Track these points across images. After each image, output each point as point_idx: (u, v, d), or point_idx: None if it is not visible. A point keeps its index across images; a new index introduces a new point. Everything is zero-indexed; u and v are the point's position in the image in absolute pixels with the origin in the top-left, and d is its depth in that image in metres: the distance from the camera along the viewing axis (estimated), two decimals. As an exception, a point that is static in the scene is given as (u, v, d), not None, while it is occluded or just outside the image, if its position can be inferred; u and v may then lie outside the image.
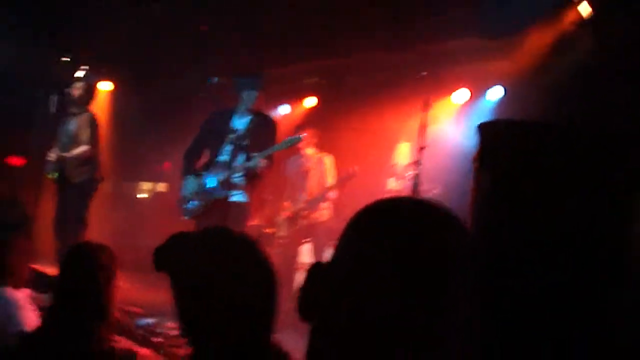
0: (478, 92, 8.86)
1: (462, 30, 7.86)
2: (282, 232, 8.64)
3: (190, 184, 6.56)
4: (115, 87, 11.48)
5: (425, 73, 8.86)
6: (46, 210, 7.89)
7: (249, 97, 6.49)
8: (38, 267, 6.86)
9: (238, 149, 6.14)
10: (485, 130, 3.14)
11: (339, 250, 1.30)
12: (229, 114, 6.51)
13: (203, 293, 1.76)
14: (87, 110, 8.10)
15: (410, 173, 7.91)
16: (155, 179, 12.77)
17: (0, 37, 9.41)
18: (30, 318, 3.36)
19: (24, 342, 2.99)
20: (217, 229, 1.99)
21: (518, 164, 2.83)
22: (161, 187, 12.62)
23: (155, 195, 12.70)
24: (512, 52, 7.80)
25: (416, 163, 6.20)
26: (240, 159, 6.10)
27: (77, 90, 8.05)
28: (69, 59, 10.02)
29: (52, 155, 7.86)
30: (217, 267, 1.78)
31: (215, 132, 6.58)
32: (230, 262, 1.80)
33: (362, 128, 9.08)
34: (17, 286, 3.58)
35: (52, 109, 7.88)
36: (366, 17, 7.92)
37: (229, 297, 1.74)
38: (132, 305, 6.11)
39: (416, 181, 6.12)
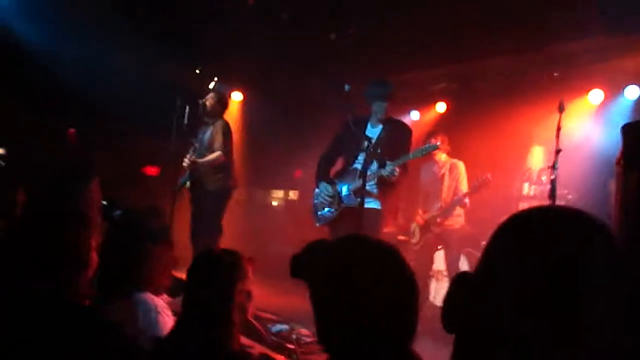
0: (613, 91, 8.53)
1: (590, 29, 7.57)
2: (416, 239, 8.54)
3: (323, 191, 6.57)
4: (246, 97, 11.72)
5: (557, 74, 8.59)
6: (182, 218, 8.08)
7: (379, 107, 6.45)
8: (174, 273, 7.04)
9: (371, 156, 6.08)
10: (629, 131, 2.99)
11: (486, 260, 1.25)
12: (363, 122, 6.48)
13: (341, 300, 1.72)
14: (221, 119, 8.27)
15: (546, 178, 7.67)
16: (287, 186, 12.93)
17: (135, 50, 9.80)
18: (168, 323, 3.42)
19: (158, 347, 3.04)
20: (354, 236, 1.96)
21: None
22: (293, 194, 12.76)
23: (287, 203, 12.85)
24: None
25: (552, 167, 5.96)
26: (374, 166, 6.05)
27: (210, 100, 8.24)
28: (201, 71, 10.30)
29: (186, 161, 8.06)
30: (356, 273, 1.74)
31: (349, 140, 6.54)
32: (370, 269, 1.75)
33: (494, 132, 8.85)
34: (157, 292, 3.66)
35: (186, 119, 8.08)
36: (494, 20, 7.74)
37: (369, 304, 1.70)
38: (266, 312, 6.17)
39: (553, 186, 5.88)
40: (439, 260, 8.29)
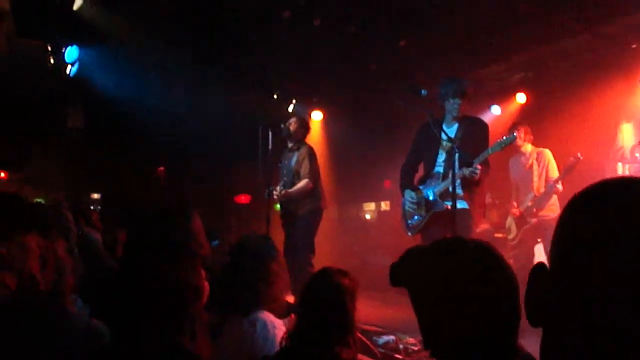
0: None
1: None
2: (512, 234, 8.46)
3: (410, 200, 6.52)
4: (326, 115, 11.83)
5: (635, 45, 8.36)
6: (277, 242, 8.23)
7: (452, 105, 6.35)
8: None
9: (452, 157, 6.02)
10: None
11: (557, 245, 1.18)
12: (438, 123, 6.34)
13: (445, 303, 1.73)
14: (304, 144, 8.38)
15: (639, 154, 7.48)
16: (377, 198, 12.97)
17: (214, 85, 10.06)
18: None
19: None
20: (450, 238, 1.98)
21: None
22: (384, 205, 12.78)
23: (380, 214, 12.89)
24: None
25: (642, 142, 5.80)
26: (456, 167, 5.99)
27: (292, 125, 8.35)
28: (279, 95, 10.49)
29: (276, 193, 8.21)
30: (456, 275, 1.75)
31: (427, 144, 6.52)
32: (469, 269, 1.76)
33: (579, 115, 8.67)
34: (277, 311, 3.78)
35: (270, 145, 8.23)
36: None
37: (472, 305, 1.70)
38: (370, 325, 6.19)
39: (648, 162, 5.72)
40: (539, 253, 8.16)
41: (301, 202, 8.11)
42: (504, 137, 6.24)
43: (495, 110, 10.62)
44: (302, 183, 8.10)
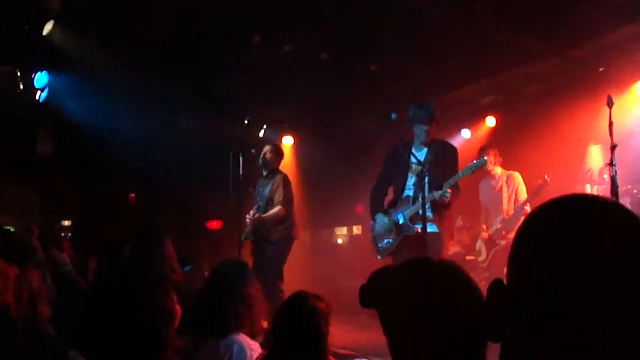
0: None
1: (624, 18, 7.49)
2: (483, 256, 8.52)
3: (379, 223, 6.55)
4: (297, 140, 11.86)
5: (601, 69, 8.51)
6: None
7: (420, 130, 6.41)
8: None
9: (422, 181, 6.06)
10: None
11: (513, 262, 1.26)
12: (408, 147, 6.37)
13: (413, 323, 1.73)
14: (278, 172, 8.43)
15: (607, 176, 7.58)
16: (349, 222, 12.98)
17: (184, 111, 10.07)
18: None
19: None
20: (417, 258, 1.98)
21: None
22: (356, 229, 12.80)
23: (352, 238, 12.90)
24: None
25: (610, 164, 5.88)
26: (426, 191, 6.02)
27: (268, 154, 8.40)
28: (249, 121, 10.50)
29: (249, 217, 8.23)
30: (425, 296, 1.75)
31: (396, 168, 6.56)
32: (435, 288, 1.77)
33: (548, 138, 8.77)
34: (254, 335, 3.78)
35: (241, 170, 8.24)
36: (527, 24, 7.72)
37: (439, 324, 1.71)
38: (343, 348, 6.19)
39: (614, 183, 5.80)
40: (510, 275, 8.22)
41: (273, 228, 8.13)
42: (475, 161, 6.29)
43: (465, 133, 10.71)
44: (275, 209, 8.13)
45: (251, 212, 8.30)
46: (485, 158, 6.61)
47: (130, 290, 2.85)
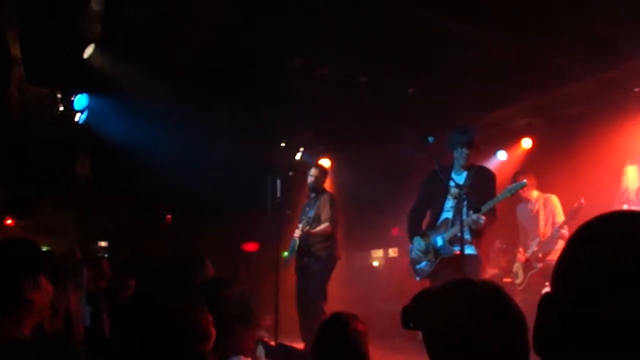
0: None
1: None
2: (520, 279, 8.47)
3: (418, 245, 6.58)
4: (333, 162, 11.89)
5: (637, 89, 8.46)
6: (286, 289, 8.24)
7: (460, 154, 6.47)
8: (283, 341, 7.17)
9: (460, 204, 6.10)
10: None
11: (561, 275, 1.24)
12: (447, 170, 6.50)
13: (458, 343, 1.75)
14: (325, 191, 8.50)
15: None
16: (385, 245, 12.94)
17: (222, 133, 10.14)
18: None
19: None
20: (461, 280, 2.00)
21: None
22: (392, 252, 12.75)
23: (387, 261, 12.85)
24: None
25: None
26: (464, 214, 6.04)
27: (312, 177, 8.45)
28: (287, 144, 10.57)
29: (297, 232, 8.26)
30: (468, 315, 1.77)
31: (435, 191, 6.61)
32: (481, 309, 1.78)
33: (584, 159, 8.72)
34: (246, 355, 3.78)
35: (278, 192, 8.28)
36: (565, 45, 7.69)
37: (484, 344, 1.73)
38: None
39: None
40: (547, 297, 8.14)
41: (319, 245, 8.16)
42: (514, 184, 6.32)
43: (501, 155, 10.65)
44: (323, 226, 8.19)
45: (300, 226, 8.33)
46: (525, 181, 6.65)
47: (165, 308, 2.89)
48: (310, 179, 8.44)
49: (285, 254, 8.37)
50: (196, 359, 2.85)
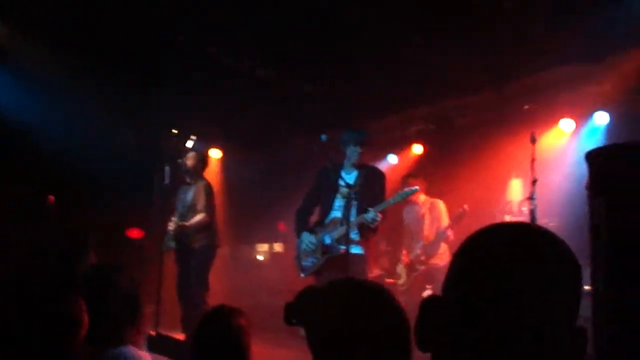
0: (584, 119, 8.65)
1: (561, 59, 7.76)
2: (402, 280, 8.64)
3: (305, 242, 6.53)
4: (224, 154, 11.80)
5: (527, 107, 8.77)
6: (169, 278, 8.11)
7: (352, 152, 6.46)
8: (163, 331, 7.06)
9: (350, 203, 6.13)
10: (592, 158, 3.14)
11: (450, 279, 1.35)
12: (337, 169, 6.47)
13: (341, 341, 1.75)
14: (202, 179, 8.34)
15: (526, 209, 7.79)
16: (271, 239, 12.94)
17: (113, 115, 9.89)
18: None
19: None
20: (346, 279, 2.01)
21: (631, 188, 2.80)
22: (278, 247, 12.76)
23: (273, 256, 12.85)
24: (614, 75, 7.64)
25: (530, 198, 6.09)
26: (353, 213, 6.08)
27: (190, 160, 8.31)
28: (177, 131, 10.40)
29: (172, 225, 8.12)
30: (352, 313, 1.78)
31: (325, 188, 6.60)
32: (364, 308, 1.79)
33: (472, 169, 8.97)
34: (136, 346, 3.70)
35: (167, 180, 8.12)
36: (462, 58, 7.89)
37: (367, 342, 1.73)
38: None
39: (533, 216, 5.99)
40: (428, 299, 8.33)
41: (196, 236, 8.04)
42: (406, 189, 6.43)
43: (392, 159, 10.83)
44: (198, 217, 8.04)
45: (173, 220, 8.21)
46: (417, 187, 6.76)
47: (34, 296, 2.79)
48: (187, 163, 8.30)
49: (164, 246, 8.21)
50: (66, 347, 2.75)
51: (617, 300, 2.86)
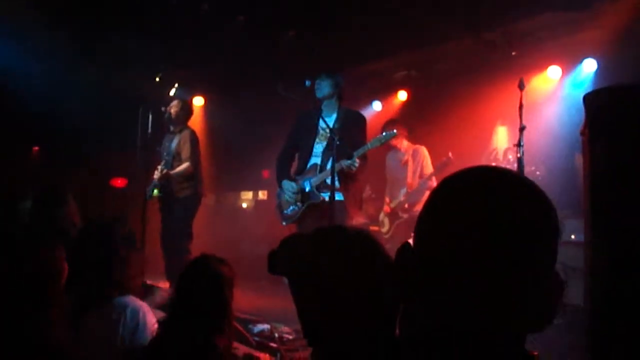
0: (571, 66, 8.61)
1: (540, 6, 7.69)
2: (385, 227, 8.65)
3: (286, 190, 6.46)
4: (207, 101, 11.71)
5: (514, 53, 8.69)
6: (152, 227, 8.10)
7: (329, 96, 6.39)
8: (148, 280, 7.07)
9: (329, 148, 6.05)
10: (591, 99, 3.08)
11: (422, 226, 1.33)
12: (316, 113, 6.35)
13: (323, 291, 1.74)
14: (186, 127, 8.29)
15: (512, 156, 7.78)
16: (255, 187, 12.94)
17: (94, 62, 9.75)
18: (155, 323, 3.48)
19: (148, 348, 3.12)
20: (330, 226, 1.99)
21: (632, 128, 2.75)
22: (262, 194, 12.77)
23: (257, 204, 12.86)
24: (602, 21, 7.59)
25: (517, 145, 6.03)
26: (332, 159, 6.00)
27: (174, 108, 8.25)
28: (161, 78, 10.29)
29: (157, 173, 8.08)
30: (336, 262, 1.76)
31: (305, 133, 6.51)
32: (348, 256, 1.77)
33: (458, 116, 8.93)
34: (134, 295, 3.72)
35: (150, 128, 8.05)
36: (447, 3, 7.79)
37: (352, 291, 1.72)
38: (245, 313, 6.18)
39: (520, 164, 5.95)
40: (412, 247, 8.36)
41: (180, 185, 8.02)
42: (384, 133, 6.32)
43: (377, 105, 10.80)
44: (183, 166, 8.02)
45: (159, 168, 8.17)
46: (395, 131, 6.64)
47: (15, 244, 2.77)
48: (170, 112, 8.24)
49: (148, 193, 8.17)
50: (47, 297, 2.74)
51: (616, 250, 2.81)
